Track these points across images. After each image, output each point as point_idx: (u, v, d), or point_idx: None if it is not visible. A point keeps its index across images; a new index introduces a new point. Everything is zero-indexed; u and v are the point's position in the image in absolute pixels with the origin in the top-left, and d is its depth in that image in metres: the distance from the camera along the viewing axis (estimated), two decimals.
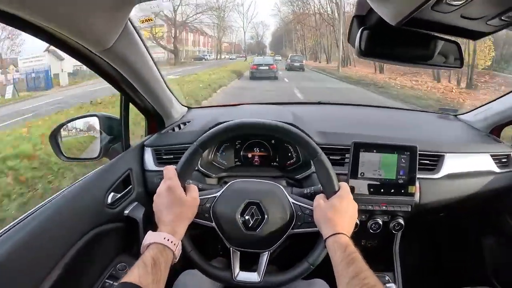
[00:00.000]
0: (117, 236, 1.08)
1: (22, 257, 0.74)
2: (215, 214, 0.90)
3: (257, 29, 51.66)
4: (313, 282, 1.05)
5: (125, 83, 1.05)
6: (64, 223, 0.87)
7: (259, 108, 1.74)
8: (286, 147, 1.29)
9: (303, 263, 0.88)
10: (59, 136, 1.21)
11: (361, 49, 0.77)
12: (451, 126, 1.57)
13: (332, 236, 0.79)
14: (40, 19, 0.65)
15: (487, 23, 0.64)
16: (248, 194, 0.91)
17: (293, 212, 0.90)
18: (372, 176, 1.09)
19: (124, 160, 1.18)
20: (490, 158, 1.28)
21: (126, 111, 1.24)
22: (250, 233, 0.88)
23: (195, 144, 0.89)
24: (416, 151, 1.08)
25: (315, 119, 1.38)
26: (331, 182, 0.86)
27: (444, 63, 0.87)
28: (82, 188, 0.99)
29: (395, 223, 1.16)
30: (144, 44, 0.99)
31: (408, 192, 1.10)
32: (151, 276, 0.67)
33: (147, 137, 1.34)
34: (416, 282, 1.35)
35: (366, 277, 0.67)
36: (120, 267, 1.07)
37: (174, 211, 0.81)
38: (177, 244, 0.78)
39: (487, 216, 1.49)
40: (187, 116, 1.55)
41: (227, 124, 0.91)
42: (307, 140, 0.89)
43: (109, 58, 0.89)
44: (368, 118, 1.66)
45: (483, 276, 1.48)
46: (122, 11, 0.74)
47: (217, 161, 1.30)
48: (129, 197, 1.13)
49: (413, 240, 1.51)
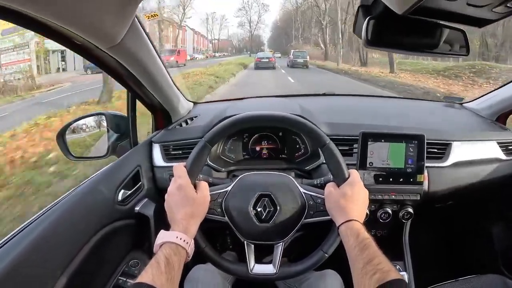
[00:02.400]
0: (128, 232, 1.09)
1: (36, 257, 0.75)
2: (227, 208, 0.90)
3: (250, 12, 46.65)
4: (325, 273, 1.05)
5: (132, 80, 1.05)
6: (76, 221, 0.88)
7: (265, 101, 1.74)
8: (294, 139, 1.30)
9: (317, 252, 0.88)
10: (66, 136, 1.21)
11: (368, 38, 0.77)
12: (457, 115, 1.57)
13: (345, 223, 0.79)
14: (48, 16, 0.64)
15: (493, 10, 0.64)
16: (259, 187, 0.91)
17: (304, 202, 0.90)
18: (381, 165, 1.10)
19: (133, 157, 1.19)
20: (496, 146, 1.28)
21: (133, 108, 1.25)
22: (263, 225, 0.89)
23: (203, 140, 0.89)
24: (424, 139, 1.08)
25: (321, 111, 1.38)
26: (341, 169, 0.86)
27: (450, 51, 0.87)
28: (92, 186, 0.99)
29: (404, 212, 1.16)
30: (150, 40, 0.99)
31: (417, 181, 1.10)
32: (164, 275, 0.67)
33: (154, 133, 1.35)
34: (427, 270, 1.36)
35: (380, 262, 0.68)
36: (132, 264, 1.08)
37: (185, 210, 0.81)
38: (189, 243, 0.78)
39: (495, 203, 1.49)
40: (193, 111, 1.55)
41: (234, 118, 0.91)
42: (315, 129, 0.89)
43: (117, 54, 0.89)
44: (374, 108, 1.66)
45: (493, 263, 1.48)
46: (129, 6, 0.74)
47: (225, 155, 1.30)
48: (139, 193, 1.14)
49: (422, 229, 1.51)
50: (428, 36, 0.83)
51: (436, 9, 0.67)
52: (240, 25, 47.25)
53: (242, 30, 47.16)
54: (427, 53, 0.90)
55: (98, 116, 1.29)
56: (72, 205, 0.90)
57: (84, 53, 0.85)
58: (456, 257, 1.71)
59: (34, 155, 4.28)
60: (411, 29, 0.79)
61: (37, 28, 0.70)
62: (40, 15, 0.64)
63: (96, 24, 0.72)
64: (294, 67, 21.80)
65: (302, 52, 24.60)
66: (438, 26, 0.82)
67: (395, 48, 0.86)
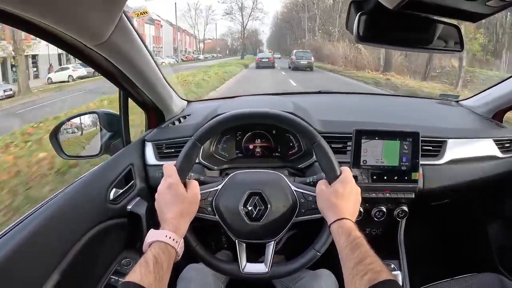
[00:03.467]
0: (120, 231, 1.09)
1: (26, 255, 0.74)
2: (218, 207, 0.90)
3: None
4: (318, 272, 1.05)
5: (123, 78, 1.04)
6: (67, 220, 0.87)
7: (259, 99, 1.73)
8: (288, 137, 1.29)
9: (309, 251, 0.88)
10: (59, 135, 1.21)
11: (359, 34, 0.76)
12: (453, 112, 1.56)
13: (336, 222, 0.79)
14: (32, 14, 0.64)
15: (487, 4, 0.63)
16: (250, 185, 0.90)
17: (296, 199, 0.89)
18: (375, 163, 1.09)
19: (125, 155, 1.18)
20: (493, 143, 1.27)
21: (125, 106, 1.24)
22: (254, 223, 0.88)
23: (192, 138, 0.88)
24: (419, 137, 1.07)
25: (315, 108, 1.37)
26: (332, 166, 0.85)
27: (444, 47, 0.86)
28: (83, 184, 0.99)
29: (399, 211, 1.15)
30: (140, 38, 0.98)
31: (412, 179, 1.09)
32: (153, 274, 0.67)
33: (147, 131, 1.34)
34: (422, 269, 1.35)
35: (372, 262, 0.67)
36: (124, 263, 1.08)
37: (175, 208, 0.81)
38: (179, 242, 0.77)
39: (491, 201, 1.48)
40: (187, 109, 1.54)
41: (222, 116, 0.90)
42: (306, 126, 0.88)
43: (105, 52, 0.88)
44: (369, 106, 1.65)
45: (489, 262, 1.47)
46: (116, 3, 0.73)
47: (218, 153, 1.30)
48: (132, 192, 1.13)
49: (418, 227, 1.51)
50: (422, 32, 0.82)
51: (429, 3, 0.66)
52: (227, 13, 33.16)
53: (233, 23, 35.80)
54: (421, 49, 0.89)
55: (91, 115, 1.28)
56: (63, 203, 0.89)
57: (72, 51, 0.84)
58: (452, 255, 1.70)
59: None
60: (404, 24, 0.78)
61: (23, 27, 0.70)
62: (24, 13, 0.63)
63: (81, 22, 0.72)
64: (298, 70, 20.11)
65: (306, 52, 22.53)
66: (432, 22, 0.81)
67: (387, 44, 0.85)
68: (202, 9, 42.24)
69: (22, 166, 3.66)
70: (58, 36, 0.76)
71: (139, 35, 0.97)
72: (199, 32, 43.08)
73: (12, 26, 0.69)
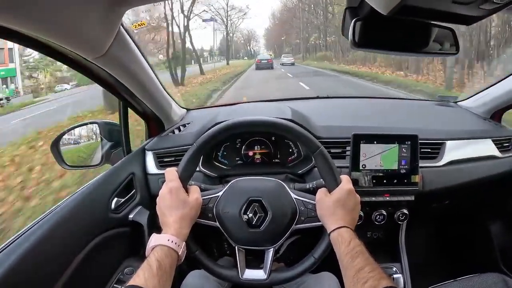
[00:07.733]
0: (123, 240, 1.09)
1: (30, 266, 0.74)
2: (218, 213, 0.90)
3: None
4: (321, 276, 1.05)
5: (123, 89, 1.05)
6: (69, 230, 0.87)
7: (258, 106, 1.73)
8: (287, 143, 1.29)
9: (308, 258, 0.88)
10: (60, 145, 1.21)
11: (355, 40, 0.77)
12: (451, 113, 1.57)
13: (335, 230, 0.79)
14: (32, 30, 0.65)
15: (480, 7, 0.63)
16: (250, 192, 0.91)
17: (295, 207, 0.90)
18: (374, 167, 1.09)
19: (126, 165, 1.18)
20: (491, 143, 1.28)
21: (126, 116, 1.25)
22: (254, 230, 0.89)
23: (194, 145, 0.89)
24: (417, 140, 1.08)
25: (314, 114, 1.37)
26: (332, 175, 0.86)
27: (440, 50, 0.86)
28: (85, 194, 0.99)
29: (399, 214, 1.16)
30: (139, 49, 0.99)
31: (411, 182, 1.09)
32: (157, 278, 0.68)
33: (147, 141, 1.34)
34: (424, 271, 1.35)
35: (372, 270, 0.68)
36: (127, 272, 1.08)
37: (177, 212, 0.82)
38: (181, 246, 0.78)
39: (492, 201, 1.48)
40: (186, 117, 1.55)
41: (224, 124, 0.91)
42: (306, 135, 0.89)
43: (104, 64, 0.89)
44: (367, 110, 1.66)
45: (491, 262, 1.47)
46: (113, 16, 0.74)
47: (218, 161, 1.30)
48: (133, 201, 1.14)
49: (419, 230, 1.51)
50: (417, 36, 0.82)
51: (422, 8, 0.66)
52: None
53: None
54: (417, 53, 0.89)
55: (92, 125, 1.28)
56: (66, 214, 0.89)
57: (72, 64, 0.86)
58: (454, 257, 1.70)
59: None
60: (399, 29, 0.79)
61: (23, 42, 0.70)
62: (23, 29, 0.64)
63: (81, 36, 0.73)
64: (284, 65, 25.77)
65: (288, 54, 30.06)
66: (427, 26, 0.82)
67: (383, 49, 0.85)
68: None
69: None
70: (58, 50, 0.78)
71: (138, 46, 0.98)
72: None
73: (12, 41, 0.70)
